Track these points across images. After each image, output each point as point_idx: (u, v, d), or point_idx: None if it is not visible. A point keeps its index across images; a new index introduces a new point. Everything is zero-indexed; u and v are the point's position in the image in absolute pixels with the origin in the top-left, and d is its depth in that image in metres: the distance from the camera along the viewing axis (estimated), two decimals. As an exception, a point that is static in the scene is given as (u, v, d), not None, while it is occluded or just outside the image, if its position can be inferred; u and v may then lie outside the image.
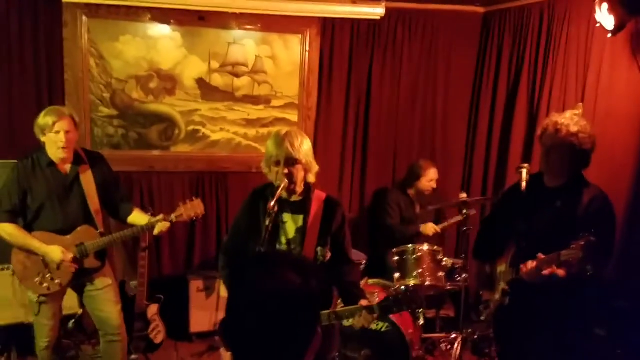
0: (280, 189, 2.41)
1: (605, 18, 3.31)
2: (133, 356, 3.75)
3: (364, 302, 2.43)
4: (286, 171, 2.42)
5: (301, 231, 2.52)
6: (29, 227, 3.09)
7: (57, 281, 3.09)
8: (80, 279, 3.20)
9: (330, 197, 2.62)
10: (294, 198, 2.54)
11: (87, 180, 3.15)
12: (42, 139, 3.04)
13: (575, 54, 4.06)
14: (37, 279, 3.08)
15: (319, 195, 2.59)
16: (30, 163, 3.08)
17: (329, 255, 2.53)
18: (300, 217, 2.53)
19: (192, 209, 3.23)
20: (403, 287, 3.65)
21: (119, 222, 3.40)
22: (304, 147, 2.46)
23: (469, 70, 5.01)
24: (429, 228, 4.42)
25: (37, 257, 3.06)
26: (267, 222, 2.35)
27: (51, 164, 3.08)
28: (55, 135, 2.99)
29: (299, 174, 2.48)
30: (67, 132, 3.00)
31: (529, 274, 2.46)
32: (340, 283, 2.62)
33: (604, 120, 3.79)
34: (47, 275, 3.08)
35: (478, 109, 4.98)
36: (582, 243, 2.28)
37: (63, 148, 3.01)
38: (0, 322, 3.69)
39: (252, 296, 1.17)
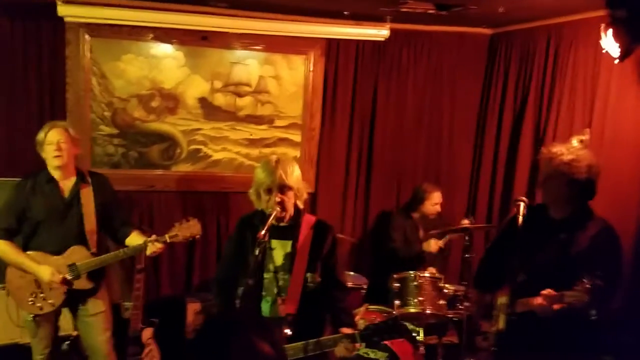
0: (272, 218, 2.35)
1: (610, 45, 3.24)
2: (126, 381, 3.68)
3: (345, 330, 2.35)
4: (279, 199, 2.37)
5: (290, 257, 2.47)
6: (25, 246, 3.09)
7: (50, 301, 3.07)
8: (74, 301, 3.16)
9: (320, 221, 2.58)
10: (283, 224, 2.49)
11: (87, 200, 3.14)
12: (42, 154, 3.08)
13: (582, 78, 3.99)
14: (30, 299, 3.06)
15: (308, 220, 2.55)
16: (30, 182, 3.10)
17: (318, 281, 2.47)
18: (289, 243, 2.48)
19: (188, 229, 3.14)
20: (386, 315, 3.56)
21: (118, 244, 3.34)
22: (295, 174, 2.43)
23: (475, 93, 4.95)
24: (432, 245, 4.34)
25: (31, 277, 3.05)
26: (257, 252, 2.29)
27: (50, 180, 3.09)
28: (49, 147, 3.02)
29: (291, 201, 2.44)
30: (58, 142, 3.02)
31: (540, 309, 2.37)
32: (331, 309, 2.55)
33: (611, 146, 3.70)
34: (40, 295, 3.06)
35: (484, 132, 4.91)
36: (588, 286, 2.19)
37: (56, 157, 3.02)
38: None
39: None
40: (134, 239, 3.24)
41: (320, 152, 4.71)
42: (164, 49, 4.25)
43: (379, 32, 4.43)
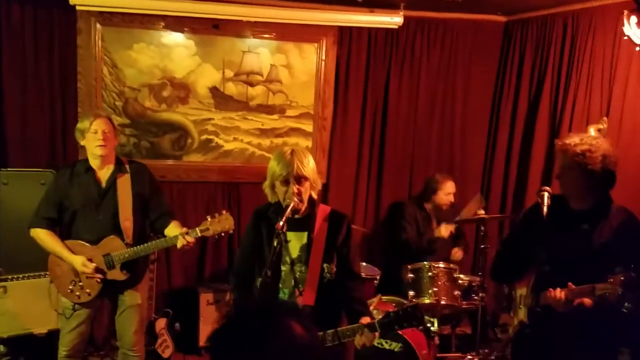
0: (289, 209, 2.32)
1: (635, 32, 3.17)
2: (140, 371, 3.69)
3: (364, 320, 2.33)
4: (297, 190, 2.34)
5: (306, 249, 2.44)
6: (64, 235, 3.11)
7: (87, 290, 3.07)
8: (114, 291, 3.15)
9: (334, 211, 2.55)
10: (298, 215, 2.46)
11: (124, 189, 3.12)
12: (82, 142, 3.09)
13: (600, 66, 3.93)
14: (70, 287, 3.08)
15: (323, 210, 2.52)
16: (69, 171, 3.12)
17: (334, 271, 2.44)
18: (305, 235, 2.45)
19: (220, 223, 2.96)
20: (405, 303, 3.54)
21: (157, 234, 3.26)
22: (311, 165, 2.41)
23: (489, 81, 4.88)
24: (443, 230, 4.29)
25: (69, 265, 3.06)
26: (275, 243, 2.26)
27: (89, 169, 3.10)
28: (93, 135, 3.03)
29: (307, 192, 2.41)
30: (104, 132, 3.04)
31: (558, 303, 2.33)
32: (345, 299, 2.52)
33: (630, 135, 3.66)
34: (79, 284, 3.07)
35: (498, 122, 4.85)
36: (622, 278, 2.15)
37: (101, 146, 3.04)
38: (8, 333, 3.65)
39: (260, 351, 1.08)
40: (172, 230, 3.15)
41: (332, 142, 4.67)
42: (175, 38, 4.22)
43: (392, 20, 4.36)
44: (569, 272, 2.33)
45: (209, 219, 2.98)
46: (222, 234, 2.99)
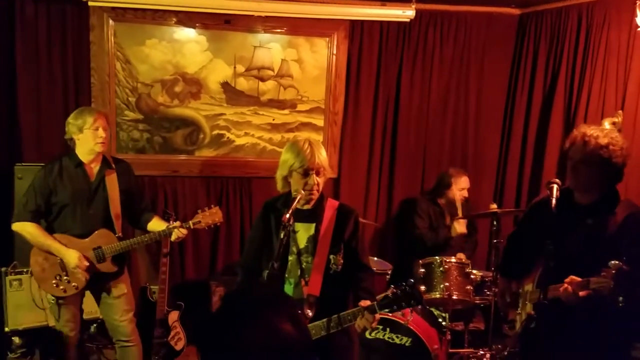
0: (297, 201, 2.33)
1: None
2: (152, 362, 3.73)
3: (364, 303, 2.33)
4: (316, 181, 2.38)
5: (313, 240, 2.46)
6: (50, 229, 3.14)
7: (73, 284, 3.13)
8: (97, 284, 3.22)
9: (343, 205, 2.57)
10: (306, 206, 2.46)
11: (112, 184, 3.19)
12: (77, 136, 3.11)
13: (615, 59, 3.87)
14: (53, 282, 3.11)
15: (331, 203, 2.54)
16: (57, 165, 3.14)
17: (341, 262, 2.45)
18: (312, 226, 2.47)
19: (210, 216, 3.24)
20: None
21: (140, 230, 3.43)
22: (324, 155, 2.44)
23: (503, 75, 4.82)
24: (458, 226, 4.23)
25: (55, 259, 3.10)
26: (282, 235, 2.28)
27: (79, 164, 3.13)
28: (94, 132, 3.07)
29: (322, 183, 2.45)
30: (104, 128, 3.10)
31: (567, 296, 2.30)
32: (354, 290, 2.53)
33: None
34: (65, 278, 3.11)
35: (512, 116, 4.80)
36: (614, 271, 2.11)
37: (102, 143, 3.10)
38: (24, 325, 3.71)
39: (245, 346, 1.08)
40: (156, 225, 3.31)
41: (344, 136, 4.65)
42: (187, 33, 4.23)
43: (404, 13, 4.33)
44: (574, 266, 2.29)
45: (200, 213, 3.24)
46: (212, 226, 3.30)
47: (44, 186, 3.10)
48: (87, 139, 3.09)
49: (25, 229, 3.10)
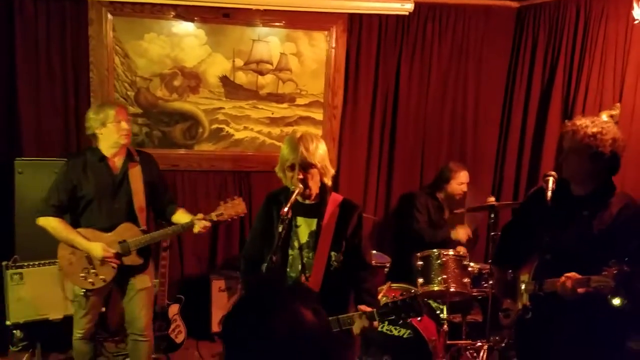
0: (294, 195, 2.33)
1: (645, 15, 3.13)
2: (153, 355, 3.75)
3: (363, 308, 2.34)
4: (301, 176, 2.35)
5: (314, 235, 2.44)
6: (75, 223, 3.15)
7: (101, 277, 3.13)
8: (123, 277, 3.22)
9: (346, 200, 2.54)
10: (309, 201, 2.47)
11: (135, 177, 3.19)
12: (100, 130, 3.11)
13: (613, 52, 3.88)
14: (81, 274, 3.12)
15: (335, 198, 2.51)
16: (80, 160, 3.15)
17: (341, 259, 2.44)
18: (314, 221, 2.46)
19: (233, 208, 3.16)
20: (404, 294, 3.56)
21: (165, 222, 3.38)
22: (319, 151, 2.37)
23: (501, 68, 4.83)
24: (461, 233, 4.28)
25: (82, 253, 3.11)
26: (280, 229, 2.28)
27: (103, 158, 3.14)
28: (117, 125, 3.08)
29: (314, 179, 2.40)
30: (127, 121, 3.13)
31: (565, 291, 2.32)
32: (356, 289, 2.53)
33: (642, 122, 3.60)
34: (92, 271, 3.12)
35: (510, 109, 4.81)
36: (615, 272, 2.13)
37: (125, 135, 3.11)
38: (25, 319, 3.73)
39: (267, 336, 1.09)
40: (181, 217, 3.29)
41: (343, 130, 4.66)
42: (185, 27, 4.23)
43: (403, 6, 4.33)
44: (570, 259, 2.31)
45: (222, 204, 3.15)
46: (235, 217, 3.19)
47: (67, 181, 3.11)
48: (111, 133, 3.09)
49: (49, 223, 3.10)
